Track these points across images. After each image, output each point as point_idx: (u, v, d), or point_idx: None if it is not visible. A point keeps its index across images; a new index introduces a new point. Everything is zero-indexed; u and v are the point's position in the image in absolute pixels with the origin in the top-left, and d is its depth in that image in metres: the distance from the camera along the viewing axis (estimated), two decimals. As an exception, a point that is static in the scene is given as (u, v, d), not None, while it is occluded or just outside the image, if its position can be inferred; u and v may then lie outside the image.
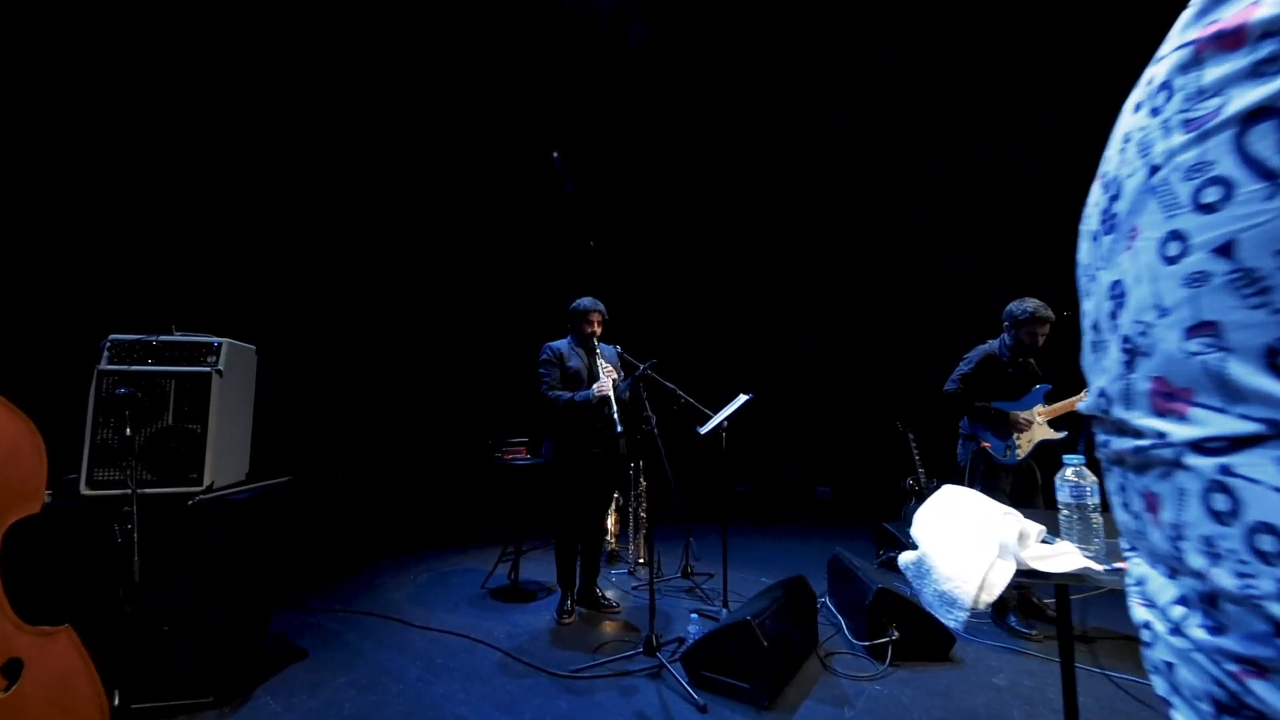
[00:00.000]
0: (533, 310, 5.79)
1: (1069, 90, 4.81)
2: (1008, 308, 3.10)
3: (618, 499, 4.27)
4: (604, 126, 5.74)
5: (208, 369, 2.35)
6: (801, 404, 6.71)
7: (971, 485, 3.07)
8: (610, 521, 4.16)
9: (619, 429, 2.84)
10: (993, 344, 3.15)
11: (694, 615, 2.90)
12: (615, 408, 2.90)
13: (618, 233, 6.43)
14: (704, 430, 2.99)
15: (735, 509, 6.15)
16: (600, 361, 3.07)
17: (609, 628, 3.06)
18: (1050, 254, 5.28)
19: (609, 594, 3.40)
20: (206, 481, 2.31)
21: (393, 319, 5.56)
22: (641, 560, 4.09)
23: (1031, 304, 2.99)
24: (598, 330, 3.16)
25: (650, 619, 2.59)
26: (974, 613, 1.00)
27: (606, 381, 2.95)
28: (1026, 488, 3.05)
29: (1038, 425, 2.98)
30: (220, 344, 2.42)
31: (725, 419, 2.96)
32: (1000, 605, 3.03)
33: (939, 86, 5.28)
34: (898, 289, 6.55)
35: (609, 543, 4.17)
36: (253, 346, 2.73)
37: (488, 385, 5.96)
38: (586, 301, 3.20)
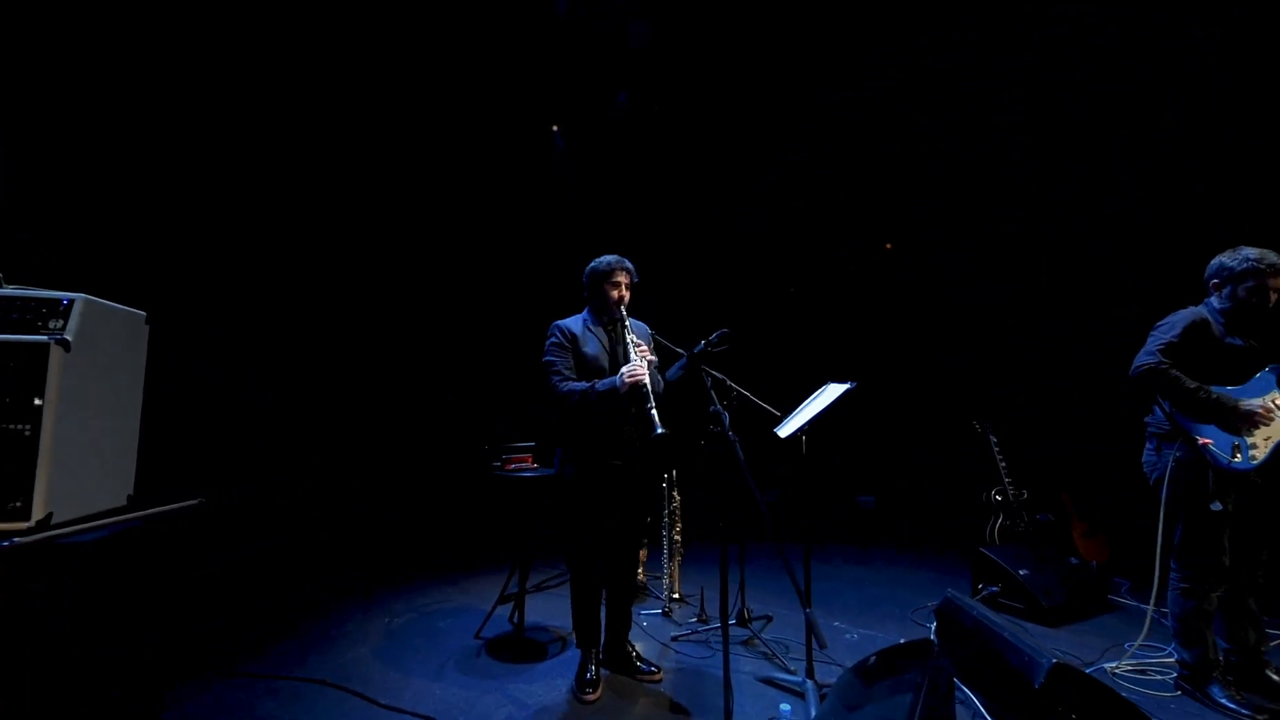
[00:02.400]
0: (528, 291, 5.27)
1: (1069, 90, 4.67)
2: (1216, 261, 2.26)
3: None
4: (604, 125, 5.47)
5: (45, 338, 1.51)
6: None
7: (1175, 502, 2.22)
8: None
9: (659, 429, 1.99)
10: (1198, 309, 2.30)
11: (785, 708, 1.99)
12: (654, 402, 2.06)
13: (618, 230, 5.90)
14: (785, 431, 2.18)
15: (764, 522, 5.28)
16: (630, 338, 2.21)
17: (649, 706, 2.18)
18: (1050, 254, 5.11)
19: (640, 647, 2.58)
20: (38, 513, 1.46)
21: (367, 299, 4.71)
22: (677, 595, 3.27)
23: (1253, 251, 2.15)
24: (626, 296, 2.31)
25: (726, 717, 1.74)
26: None
27: (640, 365, 2.10)
28: (1259, 508, 2.17)
29: None
30: (71, 301, 1.57)
31: (815, 417, 2.15)
32: (1201, 669, 2.21)
33: (939, 86, 5.09)
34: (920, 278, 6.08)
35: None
36: (142, 313, 1.90)
37: (484, 382, 5.17)
38: (609, 258, 2.33)
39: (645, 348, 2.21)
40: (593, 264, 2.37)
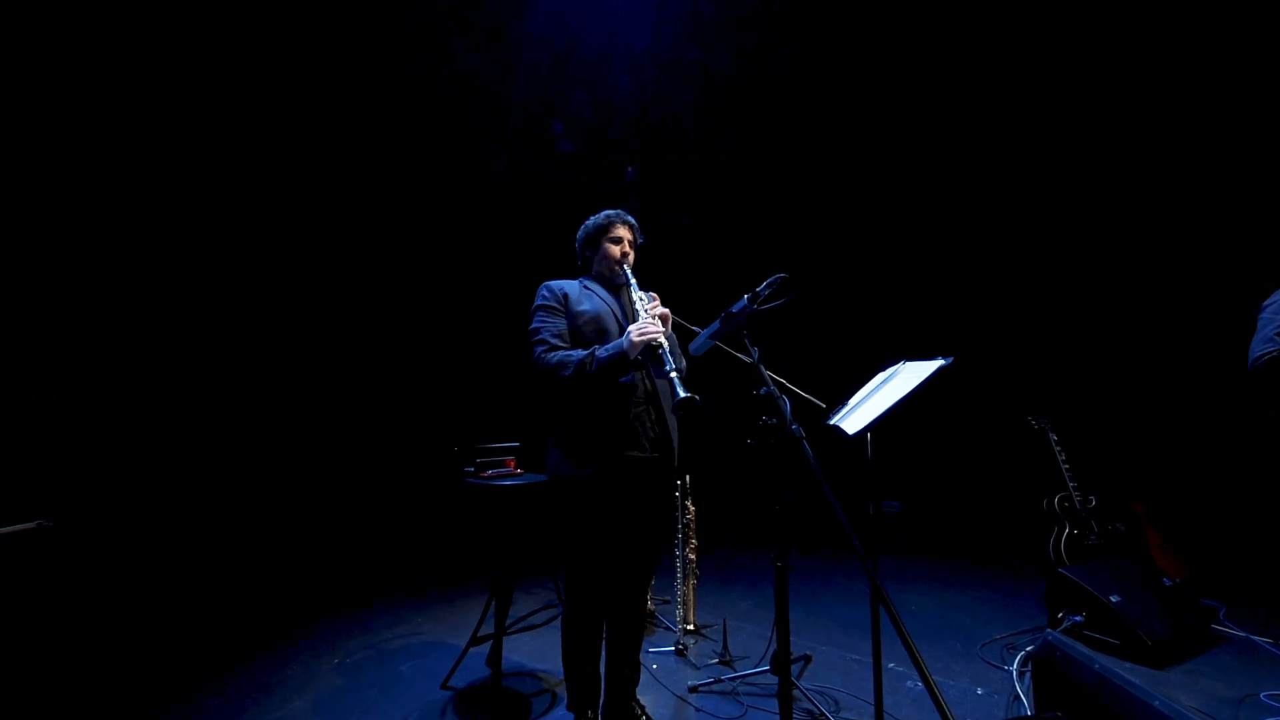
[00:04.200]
0: (502, 273, 4.71)
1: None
2: None
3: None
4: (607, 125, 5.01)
5: None
6: (845, 390, 5.33)
7: None
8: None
9: (681, 394, 1.51)
10: None
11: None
12: (672, 363, 1.60)
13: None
14: (853, 425, 1.64)
15: (786, 529, 4.72)
16: (638, 296, 1.80)
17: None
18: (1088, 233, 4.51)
19: (648, 701, 2.04)
20: None
21: (317, 280, 4.13)
22: (691, 627, 2.72)
23: None
24: (630, 254, 1.90)
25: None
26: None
27: (651, 322, 1.65)
28: None
29: None
30: None
31: (893, 406, 1.61)
32: None
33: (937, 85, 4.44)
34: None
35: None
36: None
37: (455, 372, 4.61)
38: (605, 211, 1.95)
39: (658, 303, 1.77)
40: (586, 222, 1.96)
